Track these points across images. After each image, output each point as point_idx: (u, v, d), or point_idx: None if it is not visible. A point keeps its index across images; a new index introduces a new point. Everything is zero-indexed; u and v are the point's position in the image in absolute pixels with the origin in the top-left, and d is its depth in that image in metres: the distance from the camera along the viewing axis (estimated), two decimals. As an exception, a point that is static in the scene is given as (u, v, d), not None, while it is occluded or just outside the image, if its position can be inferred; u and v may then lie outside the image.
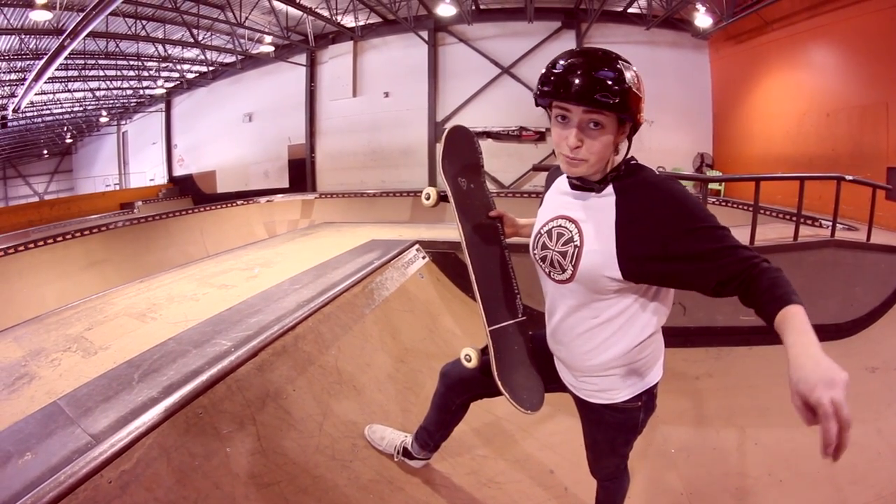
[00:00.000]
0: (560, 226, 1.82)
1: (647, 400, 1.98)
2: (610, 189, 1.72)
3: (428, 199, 2.42)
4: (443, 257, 5.79)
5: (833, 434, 1.09)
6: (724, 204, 11.56)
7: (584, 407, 2.07)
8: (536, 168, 12.98)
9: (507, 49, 16.95)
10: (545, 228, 1.88)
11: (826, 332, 5.47)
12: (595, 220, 1.73)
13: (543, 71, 1.63)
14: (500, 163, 17.27)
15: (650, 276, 1.69)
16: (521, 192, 15.76)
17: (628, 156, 1.74)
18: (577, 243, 1.74)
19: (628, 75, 1.55)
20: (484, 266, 2.26)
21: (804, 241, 5.94)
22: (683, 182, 10.93)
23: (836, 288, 5.80)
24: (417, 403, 3.71)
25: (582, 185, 1.80)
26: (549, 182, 2.06)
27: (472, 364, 2.21)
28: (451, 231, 6.61)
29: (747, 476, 3.53)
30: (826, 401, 1.12)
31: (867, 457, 3.65)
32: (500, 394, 2.17)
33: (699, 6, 13.26)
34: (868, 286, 5.93)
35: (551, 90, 1.58)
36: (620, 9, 15.55)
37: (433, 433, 2.76)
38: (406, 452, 2.94)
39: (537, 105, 1.72)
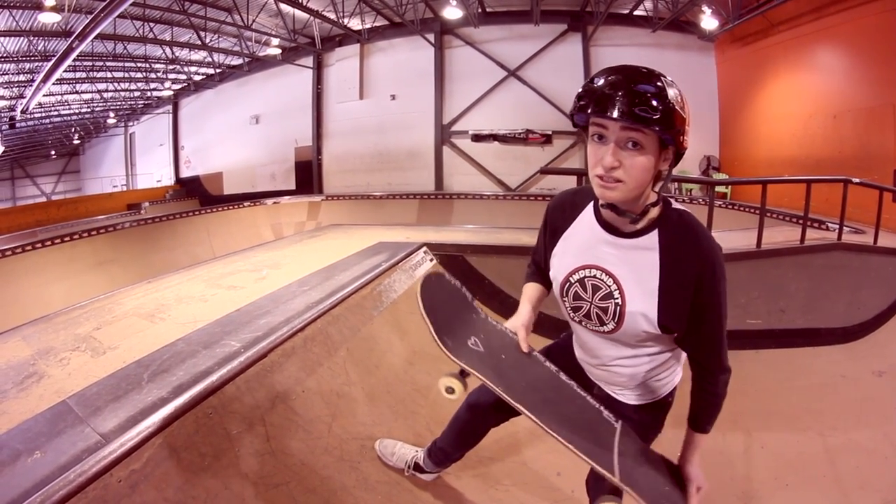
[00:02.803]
0: (595, 277, 1.74)
1: (670, 400, 2.06)
2: (654, 240, 1.66)
3: (452, 392, 1.88)
4: (450, 260, 5.79)
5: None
6: (730, 207, 11.51)
7: (616, 409, 1.99)
8: (544, 171, 12.97)
9: (513, 52, 16.97)
10: (576, 277, 1.79)
11: (832, 336, 5.46)
12: (636, 277, 1.68)
13: (581, 86, 1.54)
14: (506, 166, 17.30)
15: (676, 331, 1.73)
16: (528, 195, 15.76)
17: (662, 192, 1.68)
18: (619, 301, 1.70)
19: (671, 92, 1.46)
20: (563, 417, 1.78)
21: (811, 244, 5.92)
22: (690, 185, 10.96)
23: (843, 291, 5.78)
24: (426, 406, 3.71)
25: (614, 225, 1.72)
26: (559, 215, 1.92)
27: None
28: (458, 234, 6.62)
29: (753, 480, 3.53)
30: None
31: (874, 461, 3.64)
32: None
33: (705, 8, 13.24)
34: (875, 289, 5.92)
35: (588, 103, 1.49)
36: (626, 11, 15.56)
37: (451, 454, 2.73)
38: (417, 467, 2.90)
39: (574, 125, 1.63)
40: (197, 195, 22.33)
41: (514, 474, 3.30)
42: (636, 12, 15.48)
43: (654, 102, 1.43)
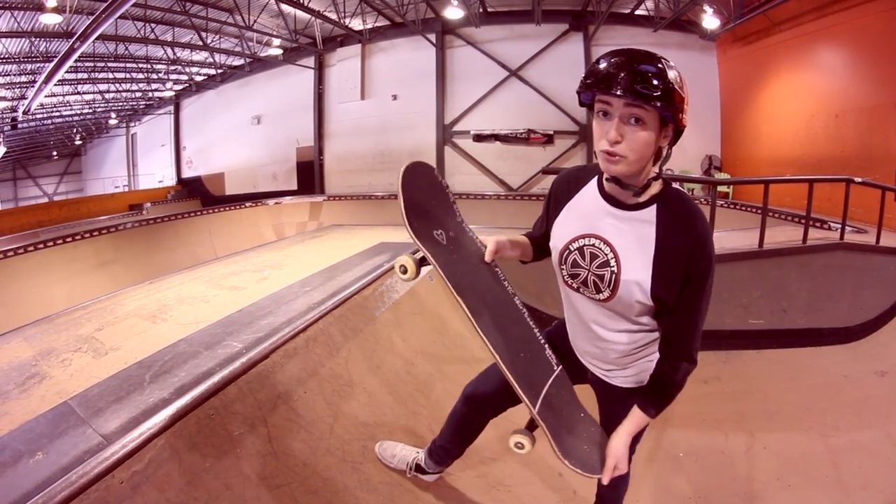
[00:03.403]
0: (593, 245, 1.81)
1: None
2: (652, 214, 1.74)
3: (405, 272, 1.80)
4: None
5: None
6: (732, 206, 11.49)
7: (611, 393, 2.09)
8: (545, 171, 12.91)
9: (514, 51, 16.93)
10: (575, 245, 1.86)
11: (835, 336, 5.46)
12: (632, 247, 1.75)
13: (588, 67, 1.63)
14: (507, 166, 17.27)
15: (668, 304, 1.77)
16: (530, 195, 15.73)
17: (664, 170, 1.76)
18: (615, 269, 1.76)
19: (671, 73, 1.55)
20: (502, 333, 1.84)
21: (813, 244, 5.91)
22: (692, 185, 10.95)
23: (845, 291, 5.78)
24: (427, 406, 3.71)
25: (616, 197, 1.79)
26: (564, 187, 1.99)
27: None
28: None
29: (756, 480, 3.53)
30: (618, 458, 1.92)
31: (876, 462, 3.64)
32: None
33: (706, 7, 13.21)
34: (877, 289, 5.91)
35: (594, 82, 1.58)
36: (628, 10, 15.52)
37: (451, 451, 2.74)
38: (419, 468, 2.91)
39: (581, 103, 1.72)
40: (199, 195, 22.28)
41: (515, 475, 3.30)
42: (637, 12, 15.42)
43: (655, 81, 1.52)
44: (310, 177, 19.87)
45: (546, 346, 2.04)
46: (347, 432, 3.09)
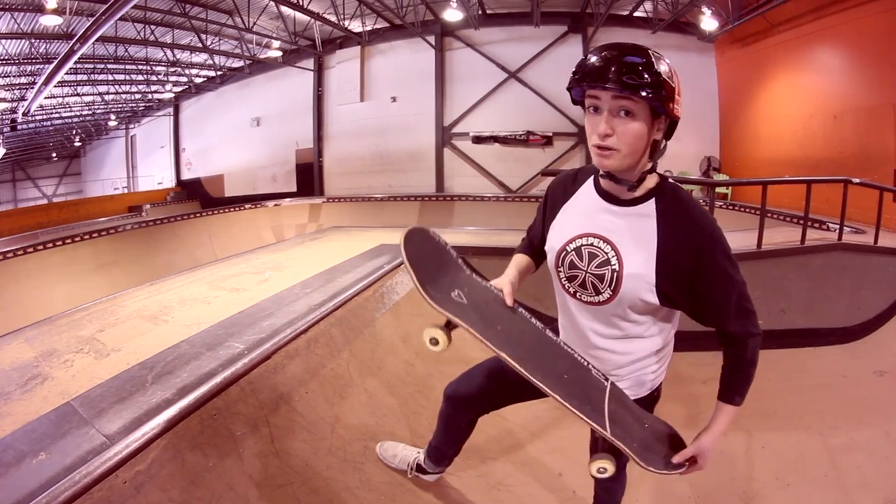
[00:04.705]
0: (592, 245, 1.77)
1: (657, 395, 2.06)
2: (651, 208, 1.72)
3: (436, 343, 1.77)
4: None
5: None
6: (731, 207, 11.52)
7: None
8: (544, 173, 12.93)
9: (513, 53, 16.95)
10: (572, 246, 1.82)
11: (833, 336, 5.47)
12: (634, 242, 1.72)
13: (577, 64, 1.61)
14: (506, 167, 17.28)
15: (678, 304, 1.76)
16: (528, 197, 15.76)
17: (658, 165, 1.74)
18: (616, 267, 1.72)
19: (658, 63, 1.54)
20: (553, 370, 1.80)
21: (811, 245, 5.92)
22: (691, 186, 10.93)
23: (844, 291, 5.79)
24: (428, 406, 3.72)
25: (613, 193, 1.77)
26: (560, 189, 1.97)
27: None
28: (459, 236, 6.62)
29: (755, 480, 3.53)
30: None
31: (875, 461, 3.65)
32: (508, 404, 2.20)
33: (705, 9, 13.24)
34: (875, 289, 5.92)
35: (581, 76, 1.57)
36: (626, 12, 15.54)
37: (445, 451, 2.74)
38: (420, 468, 2.91)
39: (574, 101, 1.71)
40: (198, 197, 22.29)
41: (515, 475, 3.31)
42: (636, 14, 15.43)
43: (642, 71, 1.51)
44: (309, 179, 19.88)
45: (591, 366, 1.91)
46: (349, 432, 3.10)
